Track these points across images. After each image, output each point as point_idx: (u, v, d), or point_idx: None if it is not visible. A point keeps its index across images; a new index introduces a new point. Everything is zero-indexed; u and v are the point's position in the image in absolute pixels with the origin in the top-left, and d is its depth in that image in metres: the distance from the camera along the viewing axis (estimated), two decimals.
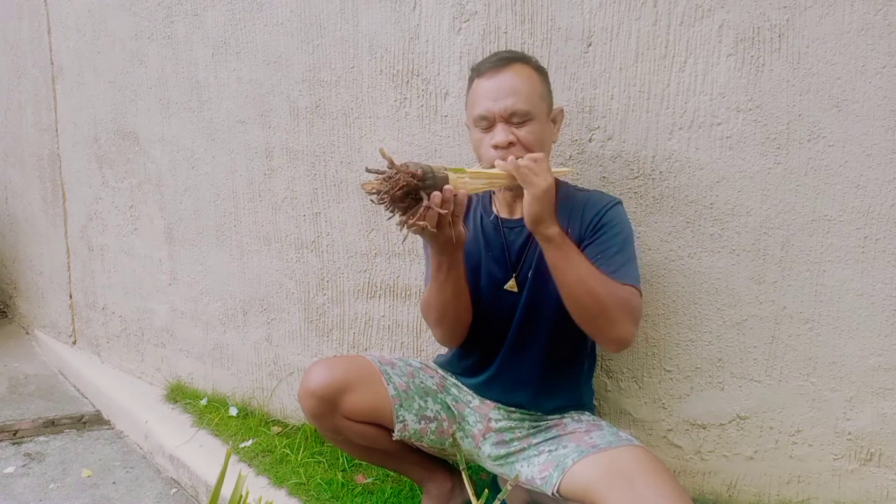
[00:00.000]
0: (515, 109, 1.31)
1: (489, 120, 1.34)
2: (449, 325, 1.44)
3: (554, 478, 1.29)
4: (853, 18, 1.43)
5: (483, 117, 1.34)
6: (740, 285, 1.59)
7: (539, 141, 1.35)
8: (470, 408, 1.55)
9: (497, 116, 1.32)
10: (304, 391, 1.46)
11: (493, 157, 1.33)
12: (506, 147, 1.31)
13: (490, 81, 1.34)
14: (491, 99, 1.33)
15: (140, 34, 2.33)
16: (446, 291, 1.35)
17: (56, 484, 2.05)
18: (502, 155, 1.31)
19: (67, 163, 2.79)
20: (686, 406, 1.70)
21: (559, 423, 1.47)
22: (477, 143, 1.39)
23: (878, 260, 1.51)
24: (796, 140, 1.50)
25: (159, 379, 2.58)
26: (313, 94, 1.94)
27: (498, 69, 1.35)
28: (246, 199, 2.16)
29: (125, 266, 2.63)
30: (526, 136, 1.32)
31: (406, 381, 1.52)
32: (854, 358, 1.56)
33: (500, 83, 1.33)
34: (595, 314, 1.27)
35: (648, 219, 1.62)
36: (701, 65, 1.53)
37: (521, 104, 1.32)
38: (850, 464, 1.61)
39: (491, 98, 1.33)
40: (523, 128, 1.33)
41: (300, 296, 2.10)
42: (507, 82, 1.33)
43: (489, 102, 1.33)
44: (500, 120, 1.32)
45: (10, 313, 3.73)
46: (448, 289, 1.35)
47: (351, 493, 1.79)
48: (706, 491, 1.72)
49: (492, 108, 1.32)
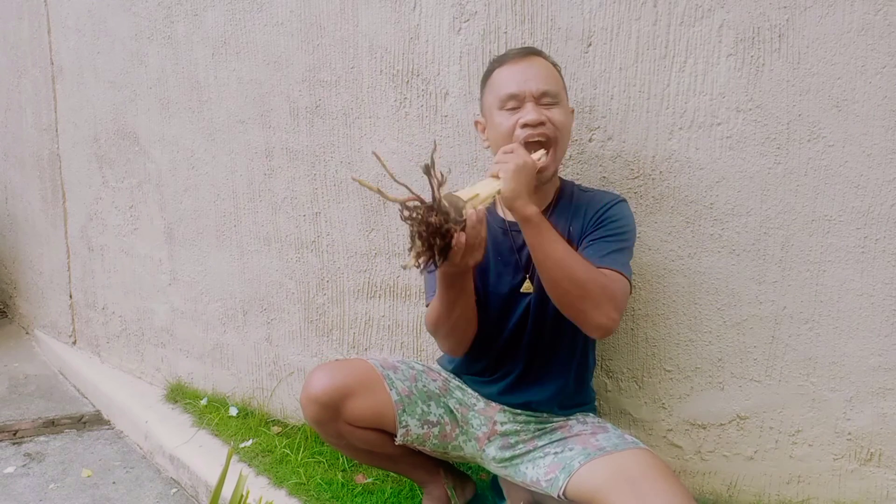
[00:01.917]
0: (547, 89, 1.34)
1: (519, 99, 1.34)
2: (458, 336, 1.42)
3: (560, 480, 1.29)
4: (853, 18, 1.43)
5: (513, 96, 1.35)
6: (740, 285, 1.59)
7: (566, 126, 1.37)
8: (474, 411, 1.54)
9: (529, 95, 1.34)
10: (307, 397, 1.45)
11: (521, 136, 1.33)
12: (535, 126, 1.32)
13: (517, 66, 1.37)
14: (521, 79, 1.35)
15: (140, 34, 2.33)
16: (458, 307, 1.33)
17: (56, 484, 2.05)
18: (530, 134, 1.32)
19: (67, 163, 2.79)
20: (686, 406, 1.70)
21: (565, 425, 1.47)
22: (501, 128, 1.36)
23: (878, 260, 1.51)
24: (796, 140, 1.50)
25: (159, 379, 2.58)
26: (313, 94, 1.94)
27: (524, 56, 1.39)
28: (246, 199, 2.16)
29: (125, 266, 2.63)
30: (557, 116, 1.34)
31: (409, 386, 1.51)
32: (854, 358, 1.56)
33: (528, 67, 1.37)
34: (574, 297, 1.25)
35: (648, 219, 1.62)
36: (701, 65, 1.53)
37: (552, 86, 1.35)
38: (850, 464, 1.61)
39: (521, 78, 1.35)
40: (553, 109, 1.35)
41: (300, 296, 2.10)
42: (535, 67, 1.37)
43: (520, 82, 1.35)
44: (531, 99, 1.34)
45: (10, 313, 3.73)
46: (460, 304, 1.33)
47: (351, 493, 1.79)
48: (706, 491, 1.72)
49: (523, 87, 1.34)
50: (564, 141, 1.39)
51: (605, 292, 1.26)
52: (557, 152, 1.37)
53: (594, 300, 1.24)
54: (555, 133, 1.34)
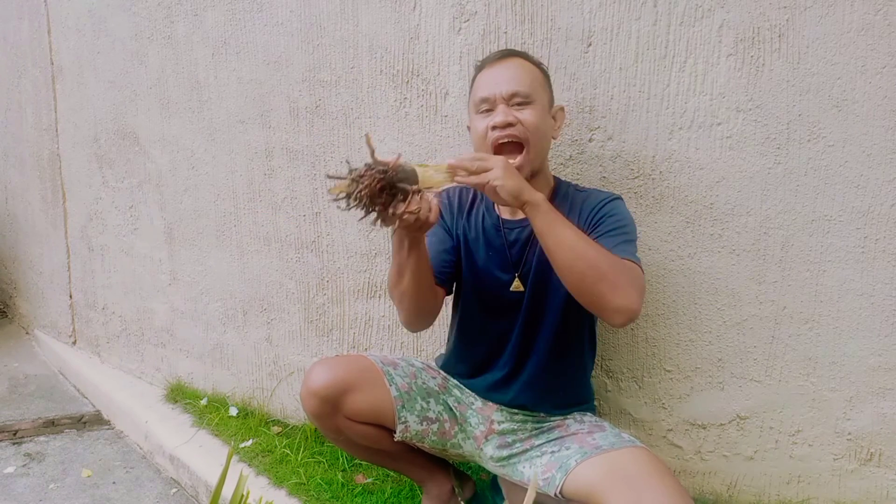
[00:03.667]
0: (517, 90, 1.34)
1: (490, 102, 1.36)
2: (408, 304, 1.37)
3: (557, 479, 1.29)
4: (853, 18, 1.43)
5: (485, 99, 1.36)
6: (740, 285, 1.59)
7: (539, 126, 1.35)
8: (472, 409, 1.55)
9: (498, 98, 1.35)
10: (306, 391, 1.46)
11: (492, 138, 1.34)
12: (504, 127, 1.33)
13: (492, 69, 1.39)
14: (493, 83, 1.36)
15: (140, 34, 2.33)
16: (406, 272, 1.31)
17: (56, 484, 2.05)
18: (500, 136, 1.33)
19: (67, 163, 2.79)
20: (686, 406, 1.70)
21: (562, 424, 1.47)
22: (477, 133, 1.39)
23: (878, 260, 1.51)
24: (796, 140, 1.50)
25: (159, 379, 2.58)
26: (313, 94, 1.94)
27: (500, 59, 1.40)
28: (246, 199, 2.16)
29: (125, 266, 2.63)
30: (527, 117, 1.34)
31: (408, 382, 1.51)
32: (854, 358, 1.56)
33: (501, 69, 1.38)
34: (592, 280, 1.21)
35: (648, 219, 1.62)
36: (701, 65, 1.53)
37: (523, 87, 1.35)
38: (850, 464, 1.61)
39: (493, 82, 1.36)
40: (525, 110, 1.34)
41: (300, 296, 2.10)
42: (508, 69, 1.38)
43: (491, 85, 1.36)
44: (501, 101, 1.34)
45: (10, 313, 3.73)
46: (408, 269, 1.30)
47: (351, 493, 1.79)
48: (706, 491, 1.72)
49: (494, 91, 1.35)
50: (539, 141, 1.37)
51: (623, 274, 1.23)
52: (530, 152, 1.35)
53: (612, 282, 1.21)
54: (525, 134, 1.33)
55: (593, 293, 1.22)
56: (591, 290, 1.22)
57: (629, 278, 1.24)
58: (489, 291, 1.47)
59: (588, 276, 1.22)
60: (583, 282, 1.23)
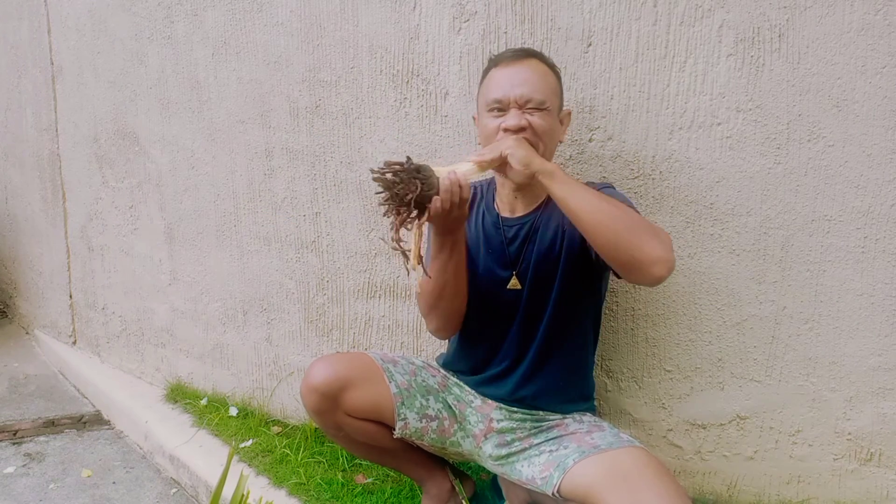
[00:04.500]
0: (531, 97, 1.34)
1: (503, 104, 1.35)
2: (443, 310, 1.43)
3: (554, 478, 1.29)
4: (853, 18, 1.43)
5: (497, 101, 1.36)
6: (740, 285, 1.59)
7: (549, 132, 1.37)
8: (472, 407, 1.55)
9: (512, 102, 1.35)
10: (307, 387, 1.47)
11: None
12: (515, 131, 1.33)
13: (508, 69, 1.38)
14: (507, 85, 1.36)
15: (140, 34, 2.33)
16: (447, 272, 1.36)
17: (56, 484, 2.05)
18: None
19: (67, 163, 2.79)
20: (686, 406, 1.70)
21: (560, 423, 1.47)
22: (486, 130, 1.39)
23: (878, 260, 1.51)
24: (796, 140, 1.50)
25: (159, 379, 2.58)
26: (313, 94, 1.94)
27: (517, 59, 1.39)
28: (246, 199, 2.16)
29: (125, 266, 2.63)
30: (538, 122, 1.34)
31: (408, 380, 1.52)
32: (854, 358, 1.56)
33: (518, 71, 1.37)
34: (626, 233, 1.18)
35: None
36: (701, 65, 1.53)
37: (537, 94, 1.35)
38: (850, 464, 1.61)
39: (507, 84, 1.36)
40: (536, 114, 1.35)
41: (300, 296, 2.10)
42: (524, 72, 1.36)
43: (506, 87, 1.35)
44: (515, 105, 1.34)
45: (10, 313, 3.73)
46: (449, 269, 1.36)
47: (351, 493, 1.79)
48: (706, 491, 1.73)
49: (508, 94, 1.35)
50: (548, 145, 1.38)
51: (649, 228, 1.22)
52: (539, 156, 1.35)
53: (645, 230, 1.19)
54: (535, 139, 1.34)
55: (630, 246, 1.18)
56: (626, 245, 1.18)
57: (655, 231, 1.22)
58: (488, 289, 1.47)
59: (620, 231, 1.19)
60: (617, 236, 1.19)
